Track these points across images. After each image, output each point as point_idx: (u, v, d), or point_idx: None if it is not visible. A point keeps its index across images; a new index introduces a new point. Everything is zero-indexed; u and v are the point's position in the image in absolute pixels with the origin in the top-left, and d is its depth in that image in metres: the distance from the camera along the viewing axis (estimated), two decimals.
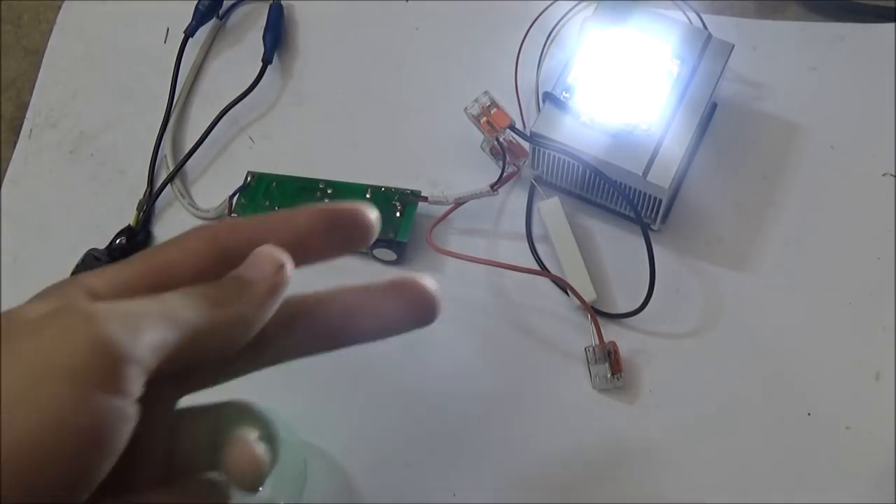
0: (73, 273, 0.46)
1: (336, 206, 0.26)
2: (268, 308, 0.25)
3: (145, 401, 0.22)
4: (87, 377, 0.21)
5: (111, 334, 0.21)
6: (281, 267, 0.25)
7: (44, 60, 0.54)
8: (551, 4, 0.50)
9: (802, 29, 0.49)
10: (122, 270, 0.24)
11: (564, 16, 0.50)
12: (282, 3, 0.53)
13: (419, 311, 0.27)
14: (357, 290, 0.27)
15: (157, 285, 0.24)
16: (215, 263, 0.25)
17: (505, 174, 0.44)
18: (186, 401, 0.26)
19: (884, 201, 0.45)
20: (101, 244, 0.47)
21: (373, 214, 0.27)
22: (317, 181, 0.47)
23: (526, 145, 0.45)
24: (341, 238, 0.27)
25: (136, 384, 0.22)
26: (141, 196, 0.49)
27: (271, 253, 0.25)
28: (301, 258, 0.26)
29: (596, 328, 0.42)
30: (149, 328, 0.22)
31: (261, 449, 0.25)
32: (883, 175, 0.45)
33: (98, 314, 0.21)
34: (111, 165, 0.51)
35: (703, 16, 0.47)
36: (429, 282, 0.27)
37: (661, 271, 0.42)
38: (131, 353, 0.21)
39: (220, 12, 0.53)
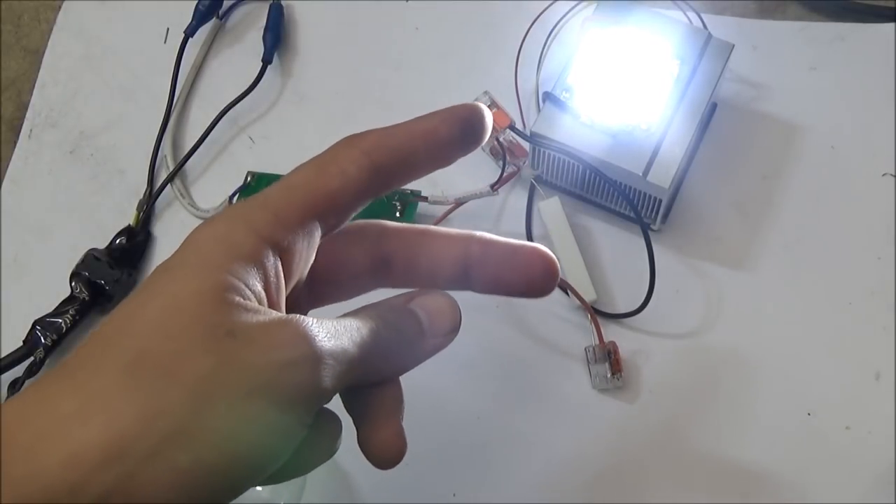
0: (73, 274, 0.45)
1: (464, 111, 0.28)
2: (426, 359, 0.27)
3: None
4: (301, 415, 0.23)
5: (328, 385, 0.23)
6: (454, 332, 0.28)
7: (44, 60, 0.54)
8: (551, 4, 0.50)
9: (802, 29, 0.49)
10: (288, 206, 0.25)
11: (564, 16, 0.50)
12: (282, 3, 0.53)
13: (536, 284, 0.29)
14: (482, 243, 0.29)
15: (321, 216, 0.25)
16: (370, 184, 0.26)
17: (505, 174, 0.44)
18: None
19: (884, 201, 0.45)
20: (101, 244, 0.47)
21: (487, 112, 0.28)
22: None
23: (526, 145, 0.45)
24: (470, 141, 0.28)
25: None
26: (141, 196, 0.49)
27: (453, 312, 0.28)
28: (436, 167, 0.28)
29: (596, 328, 0.42)
30: (348, 376, 0.24)
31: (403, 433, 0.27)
32: (883, 175, 0.45)
33: (324, 358, 0.23)
34: (111, 165, 0.51)
35: (703, 16, 0.47)
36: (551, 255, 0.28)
37: (661, 271, 0.42)
38: (330, 398, 0.24)
39: (220, 12, 0.53)
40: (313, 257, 0.26)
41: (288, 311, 0.26)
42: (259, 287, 0.23)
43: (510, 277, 0.29)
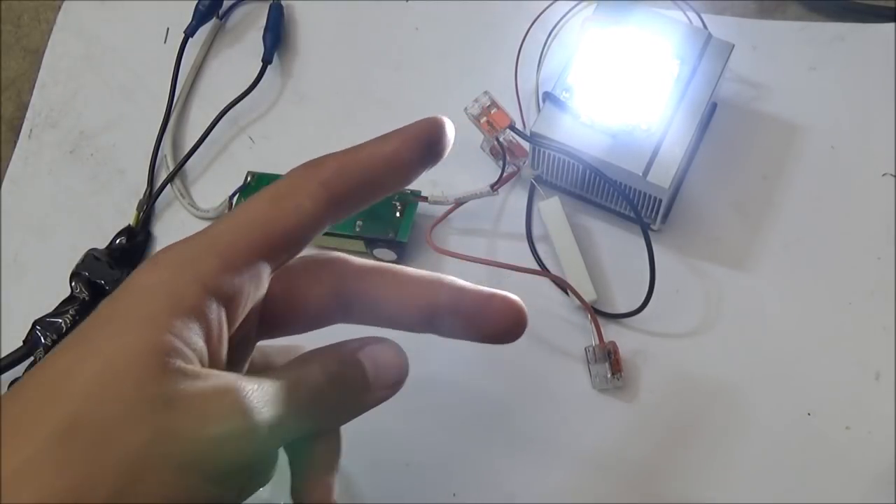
0: (73, 274, 0.45)
1: (424, 129, 0.27)
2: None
3: None
4: (237, 485, 0.23)
5: (265, 455, 0.23)
6: (398, 384, 0.27)
7: (44, 60, 0.54)
8: (551, 4, 0.50)
9: (802, 29, 0.49)
10: (237, 248, 0.24)
11: (564, 16, 0.50)
12: (282, 3, 0.53)
13: (505, 335, 0.28)
14: (451, 290, 0.27)
15: (273, 255, 0.24)
16: (327, 215, 0.25)
17: (505, 174, 0.44)
18: None
19: (884, 201, 0.45)
20: (101, 244, 0.47)
21: (450, 124, 0.27)
22: None
23: (526, 145, 0.45)
24: (431, 159, 0.27)
25: None
26: (141, 196, 0.49)
27: (400, 365, 0.27)
28: (397, 188, 0.27)
29: (596, 328, 0.42)
30: (286, 439, 0.24)
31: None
32: (883, 175, 0.45)
33: (262, 429, 0.22)
34: (111, 165, 0.51)
35: (703, 16, 0.47)
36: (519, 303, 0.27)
37: (661, 271, 0.42)
38: (268, 462, 0.24)
39: (220, 12, 0.53)
40: (262, 295, 0.25)
41: (237, 347, 0.25)
42: (200, 344, 0.23)
43: (479, 327, 0.27)
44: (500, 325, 0.27)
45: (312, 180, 0.25)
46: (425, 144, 0.26)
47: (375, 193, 0.26)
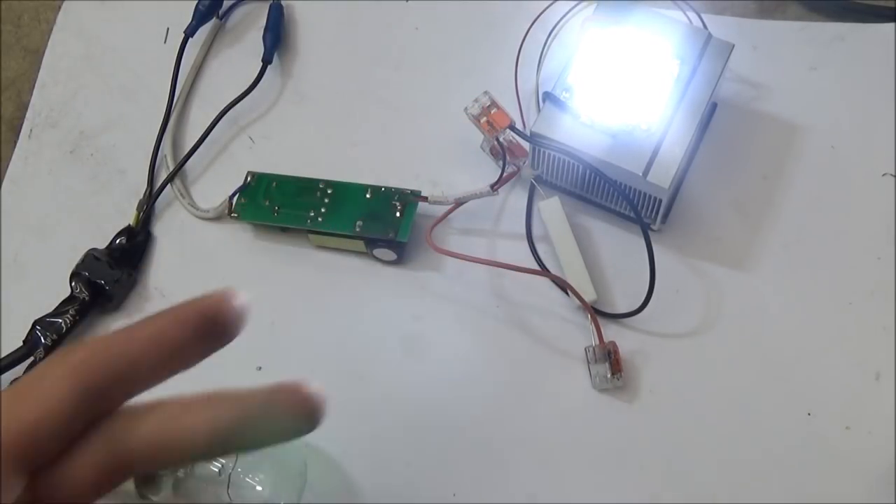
0: (73, 274, 0.46)
1: (203, 305, 0.23)
2: None
3: None
4: None
5: None
6: None
7: (44, 60, 0.54)
8: (551, 4, 0.50)
9: (802, 29, 0.49)
10: None
11: (564, 16, 0.50)
12: (282, 3, 0.53)
13: (308, 422, 0.23)
14: (230, 402, 0.23)
15: (20, 455, 0.21)
16: (81, 406, 0.22)
17: (505, 174, 0.44)
18: None
19: (884, 201, 0.45)
20: (101, 244, 0.47)
21: (241, 300, 0.23)
22: (317, 181, 0.47)
23: (526, 145, 0.45)
24: (213, 339, 0.23)
25: None
26: (141, 196, 0.49)
27: None
28: (174, 372, 0.23)
29: (596, 328, 0.42)
30: None
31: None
32: (883, 175, 0.45)
33: None
34: (111, 165, 0.51)
35: (703, 16, 0.47)
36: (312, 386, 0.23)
37: (661, 271, 0.42)
38: None
39: (220, 12, 0.53)
40: (18, 492, 0.22)
41: None
42: None
43: (273, 431, 0.23)
44: (294, 422, 0.23)
45: (60, 367, 0.22)
46: (199, 323, 0.22)
47: (143, 379, 0.23)
